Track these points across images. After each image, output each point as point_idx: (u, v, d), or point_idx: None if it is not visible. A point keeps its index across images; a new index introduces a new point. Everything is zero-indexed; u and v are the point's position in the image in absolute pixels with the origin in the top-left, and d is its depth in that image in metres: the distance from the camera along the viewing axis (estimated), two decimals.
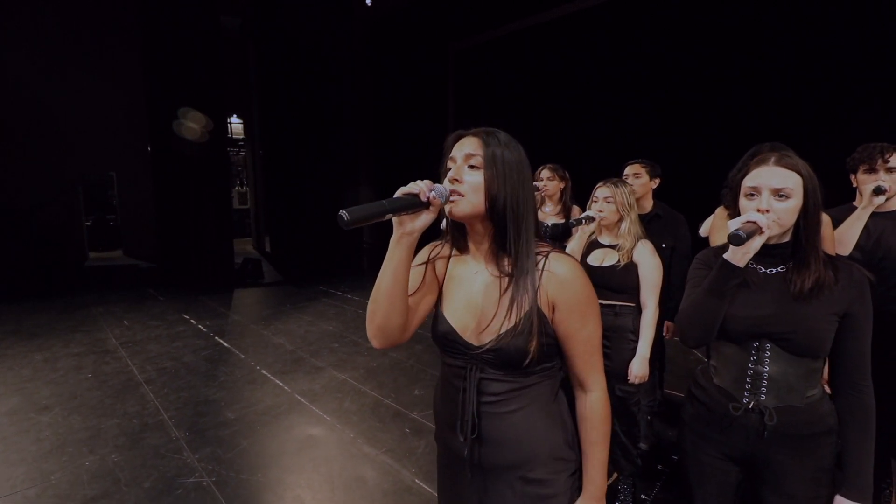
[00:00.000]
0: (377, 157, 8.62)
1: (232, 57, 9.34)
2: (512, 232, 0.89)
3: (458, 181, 0.88)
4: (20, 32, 6.94)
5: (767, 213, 1.05)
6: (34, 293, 6.13)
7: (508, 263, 0.91)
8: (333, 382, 3.44)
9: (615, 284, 1.96)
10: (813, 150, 2.37)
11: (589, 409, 0.96)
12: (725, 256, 1.08)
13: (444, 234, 1.04)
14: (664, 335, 2.55)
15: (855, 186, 2.00)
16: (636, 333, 1.94)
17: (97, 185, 9.22)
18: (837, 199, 2.03)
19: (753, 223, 1.02)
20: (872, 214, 1.90)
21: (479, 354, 0.92)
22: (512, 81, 6.80)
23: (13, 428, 2.77)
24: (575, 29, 5.73)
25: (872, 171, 1.87)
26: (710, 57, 4.42)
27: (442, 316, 0.98)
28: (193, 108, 6.47)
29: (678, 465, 1.35)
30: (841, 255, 1.91)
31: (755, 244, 1.04)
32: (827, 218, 1.85)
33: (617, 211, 1.96)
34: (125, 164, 8.50)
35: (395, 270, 0.87)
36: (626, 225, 1.97)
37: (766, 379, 1.12)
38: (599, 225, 2.05)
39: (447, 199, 0.87)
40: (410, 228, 0.84)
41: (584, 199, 2.21)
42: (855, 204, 1.99)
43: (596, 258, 2.04)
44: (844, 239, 1.88)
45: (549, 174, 2.63)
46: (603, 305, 1.99)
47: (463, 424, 0.94)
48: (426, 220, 0.85)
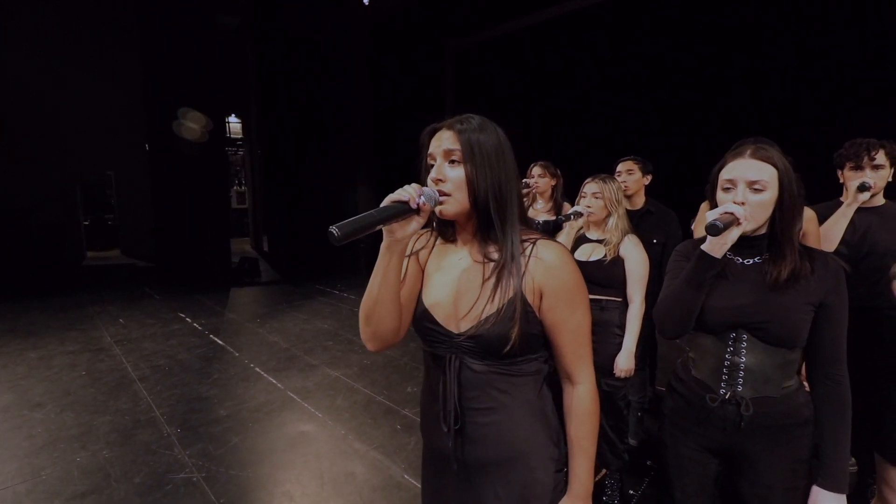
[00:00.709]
0: (375, 156, 8.62)
1: (231, 56, 9.37)
2: (496, 218, 0.87)
3: (441, 181, 0.87)
4: (19, 32, 6.96)
5: (743, 205, 1.05)
6: (31, 292, 6.14)
7: (494, 250, 0.90)
8: (326, 380, 3.44)
9: (602, 279, 1.97)
10: (809, 147, 2.39)
11: (576, 402, 0.92)
12: (703, 247, 1.08)
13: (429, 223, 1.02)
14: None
15: (842, 182, 2.00)
16: (622, 328, 1.94)
17: (95, 184, 9.26)
18: (836, 196, 2.04)
19: (731, 214, 1.03)
20: (858, 210, 1.91)
21: (459, 342, 0.89)
22: (510, 80, 6.81)
23: (6, 424, 2.78)
24: (573, 28, 5.74)
25: (858, 168, 1.88)
26: (707, 56, 4.43)
27: (422, 304, 0.96)
28: (192, 107, 6.49)
29: (658, 458, 1.35)
30: (826, 251, 1.91)
31: (732, 235, 1.04)
32: (812, 213, 1.85)
33: (605, 206, 1.97)
34: (123, 163, 8.54)
35: (386, 277, 0.86)
36: (613, 220, 1.98)
37: (742, 370, 1.12)
38: (587, 220, 2.05)
39: (437, 201, 0.85)
40: (401, 235, 0.83)
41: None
42: (842, 200, 2.00)
43: (583, 253, 2.04)
44: (829, 235, 1.89)
45: (540, 171, 2.64)
46: (591, 300, 2.00)
47: (445, 415, 0.91)
48: (416, 225, 0.83)
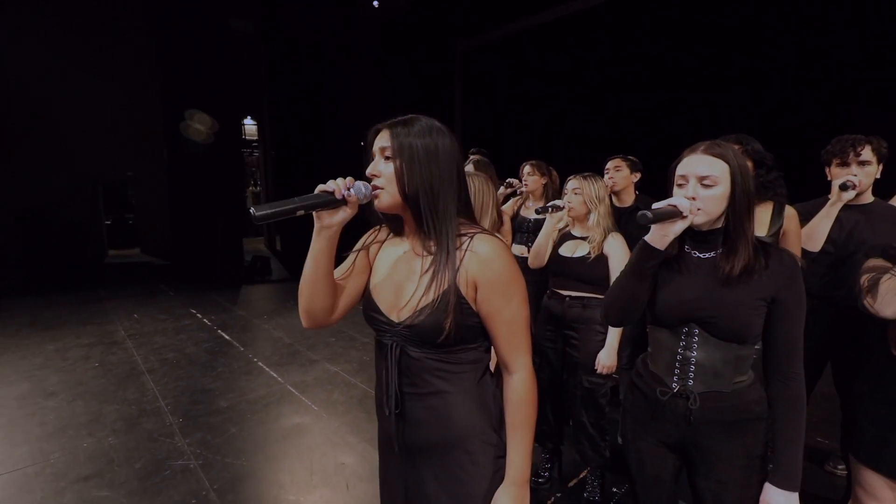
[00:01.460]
0: None
1: (245, 60, 9.57)
2: (427, 215, 0.91)
3: (376, 175, 0.92)
4: (43, 42, 7.26)
5: (694, 199, 1.07)
6: (56, 287, 6.40)
7: (433, 244, 0.94)
8: (325, 375, 3.52)
9: (585, 276, 1.99)
10: (806, 146, 2.36)
11: (511, 391, 0.95)
12: (645, 238, 1.10)
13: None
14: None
15: (830, 179, 1.98)
16: (605, 326, 1.95)
17: (116, 185, 9.57)
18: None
19: (674, 207, 1.05)
20: (845, 207, 1.89)
21: (398, 330, 0.94)
22: (518, 79, 6.82)
23: (20, 411, 2.93)
24: (581, 27, 5.73)
25: (845, 164, 1.86)
26: (715, 55, 4.38)
27: (368, 294, 1.02)
28: (205, 110, 6.68)
29: (621, 452, 1.37)
30: (811, 250, 1.90)
31: (676, 228, 1.06)
32: (793, 211, 1.84)
33: (584, 203, 1.99)
34: (143, 165, 8.81)
35: (315, 259, 0.93)
36: (594, 217, 2.00)
37: (693, 364, 1.13)
38: (571, 217, 2.07)
39: (367, 195, 0.91)
40: (328, 223, 0.90)
41: None
42: (829, 197, 1.97)
43: (567, 249, 2.07)
44: (814, 234, 1.87)
45: (529, 170, 2.67)
46: (572, 297, 2.02)
47: (387, 399, 0.97)
48: (344, 215, 0.90)
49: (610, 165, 2.54)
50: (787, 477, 1.06)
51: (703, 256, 1.16)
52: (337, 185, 0.87)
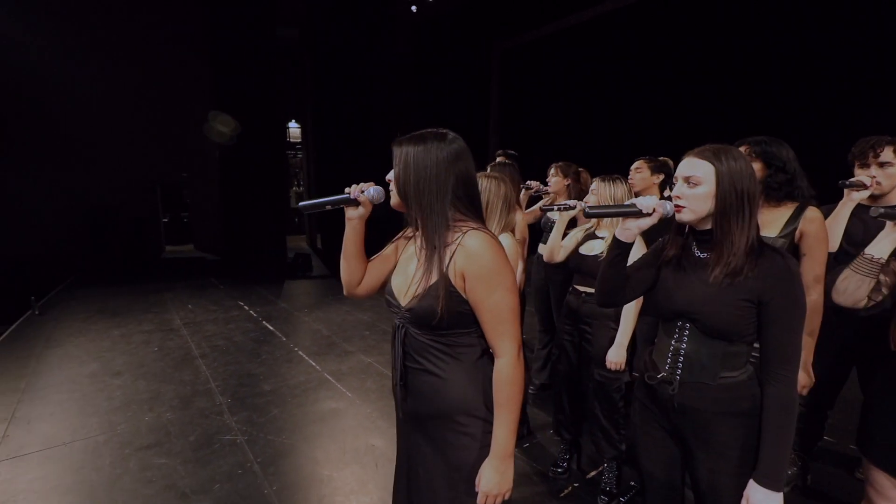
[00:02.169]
0: None
1: (290, 66, 10.04)
2: (418, 215, 1.06)
3: (390, 181, 1.13)
4: (110, 57, 7.93)
5: (679, 198, 1.15)
6: (119, 279, 7.01)
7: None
8: (360, 365, 3.73)
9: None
10: (833, 148, 2.33)
11: (497, 372, 1.05)
12: (615, 232, 1.22)
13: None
14: None
15: None
16: (618, 322, 2.02)
17: (173, 185, 10.25)
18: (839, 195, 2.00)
19: (631, 205, 1.15)
20: (868, 209, 1.87)
21: (403, 313, 1.10)
22: (556, 80, 6.83)
23: (91, 388, 3.29)
24: (619, 26, 5.67)
25: (865, 166, 1.85)
26: (764, 54, 4.29)
27: (389, 281, 1.21)
28: (252, 114, 7.09)
29: (631, 439, 1.46)
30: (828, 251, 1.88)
31: (639, 223, 1.16)
32: (814, 214, 1.81)
33: (600, 203, 2.06)
34: (197, 166, 9.42)
35: (346, 242, 1.20)
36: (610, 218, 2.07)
37: (682, 356, 1.20)
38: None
39: (378, 197, 1.15)
40: (350, 216, 1.18)
41: None
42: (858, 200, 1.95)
43: (587, 247, 2.15)
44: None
45: (553, 171, 2.75)
46: (587, 293, 2.11)
47: (394, 372, 1.14)
48: (359, 212, 1.17)
49: (632, 167, 2.59)
50: (770, 476, 1.08)
51: (702, 256, 1.23)
52: (351, 189, 1.15)
